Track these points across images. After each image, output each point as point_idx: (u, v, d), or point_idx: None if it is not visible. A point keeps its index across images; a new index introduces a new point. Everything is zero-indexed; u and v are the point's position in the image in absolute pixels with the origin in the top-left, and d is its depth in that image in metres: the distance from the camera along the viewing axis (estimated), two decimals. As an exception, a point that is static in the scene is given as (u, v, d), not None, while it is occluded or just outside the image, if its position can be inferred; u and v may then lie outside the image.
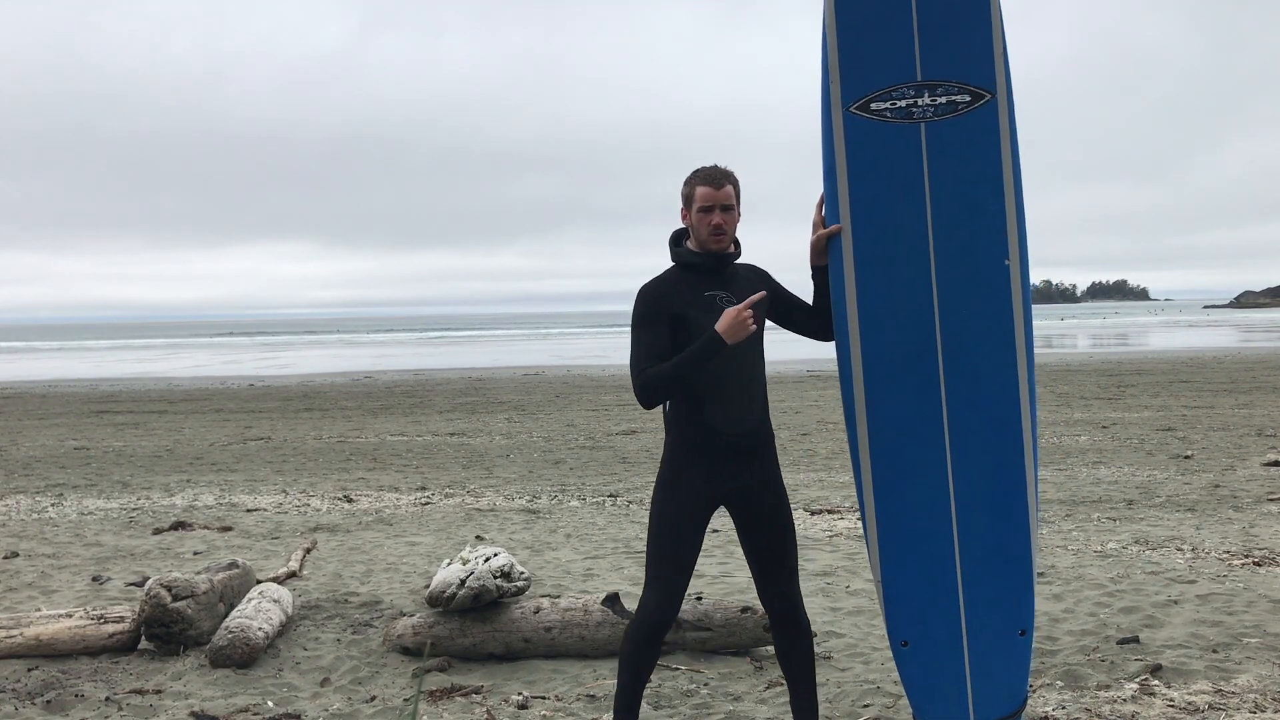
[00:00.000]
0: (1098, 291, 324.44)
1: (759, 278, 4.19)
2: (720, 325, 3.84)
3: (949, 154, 3.90)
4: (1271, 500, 9.76)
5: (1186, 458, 12.67)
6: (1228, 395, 20.63)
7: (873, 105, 3.92)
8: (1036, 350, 4.14)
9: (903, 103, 3.90)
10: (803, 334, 4.27)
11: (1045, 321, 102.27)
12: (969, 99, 3.89)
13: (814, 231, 4.08)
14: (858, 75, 3.91)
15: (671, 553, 4.00)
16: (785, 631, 4.18)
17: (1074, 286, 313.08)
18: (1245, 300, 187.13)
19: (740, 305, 3.87)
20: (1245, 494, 10.13)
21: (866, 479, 3.97)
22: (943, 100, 3.89)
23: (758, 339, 4.02)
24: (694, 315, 3.96)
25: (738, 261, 4.14)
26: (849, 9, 3.92)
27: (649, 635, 4.02)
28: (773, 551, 4.12)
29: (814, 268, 4.15)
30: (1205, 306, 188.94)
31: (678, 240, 4.14)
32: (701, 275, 4.04)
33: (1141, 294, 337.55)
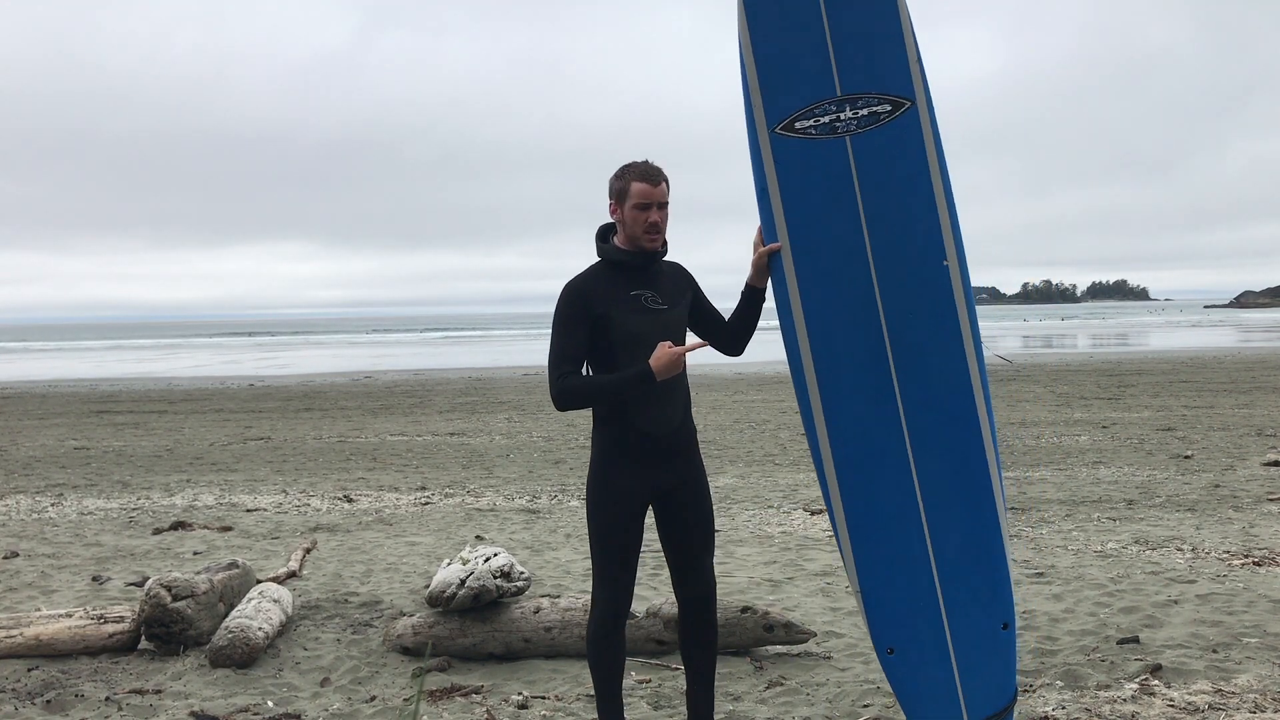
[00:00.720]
0: (1098, 291, 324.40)
1: (683, 278, 4.25)
2: (655, 363, 3.92)
3: (877, 164, 3.94)
4: (1271, 500, 9.76)
5: (1186, 458, 12.67)
6: (1228, 395, 20.62)
7: (797, 124, 3.95)
8: (1037, 350, 4.16)
9: (826, 119, 3.94)
10: (709, 342, 4.32)
11: (1045, 321, 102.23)
12: (890, 108, 3.93)
13: (754, 251, 4.11)
14: (779, 96, 3.95)
15: (614, 551, 4.09)
16: (696, 625, 4.25)
17: (1074, 286, 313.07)
18: (1245, 300, 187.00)
19: (679, 349, 3.96)
20: (1245, 494, 10.13)
21: (833, 490, 3.99)
22: (864, 112, 3.93)
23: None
24: (618, 315, 4.01)
25: (664, 259, 4.17)
26: (763, 32, 3.95)
27: (607, 631, 4.11)
28: (692, 548, 4.20)
29: (748, 286, 4.18)
30: (1205, 306, 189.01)
31: (604, 235, 4.15)
32: (628, 273, 4.07)
33: (1141, 294, 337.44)
